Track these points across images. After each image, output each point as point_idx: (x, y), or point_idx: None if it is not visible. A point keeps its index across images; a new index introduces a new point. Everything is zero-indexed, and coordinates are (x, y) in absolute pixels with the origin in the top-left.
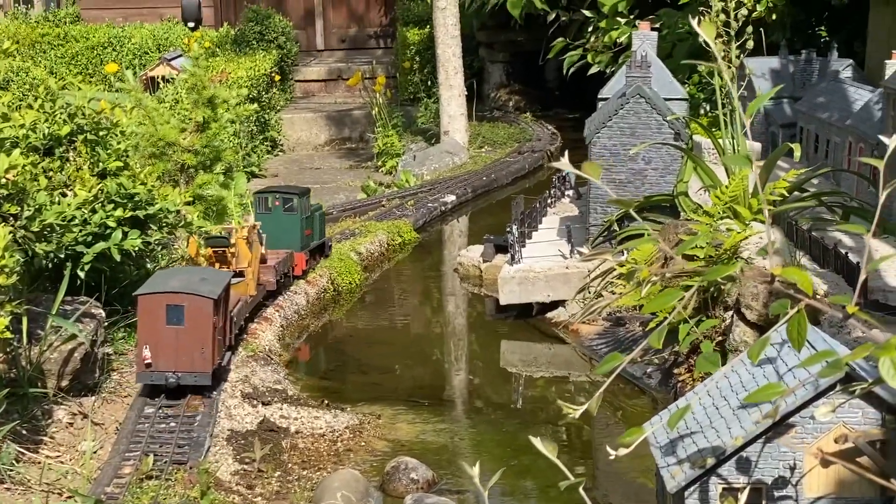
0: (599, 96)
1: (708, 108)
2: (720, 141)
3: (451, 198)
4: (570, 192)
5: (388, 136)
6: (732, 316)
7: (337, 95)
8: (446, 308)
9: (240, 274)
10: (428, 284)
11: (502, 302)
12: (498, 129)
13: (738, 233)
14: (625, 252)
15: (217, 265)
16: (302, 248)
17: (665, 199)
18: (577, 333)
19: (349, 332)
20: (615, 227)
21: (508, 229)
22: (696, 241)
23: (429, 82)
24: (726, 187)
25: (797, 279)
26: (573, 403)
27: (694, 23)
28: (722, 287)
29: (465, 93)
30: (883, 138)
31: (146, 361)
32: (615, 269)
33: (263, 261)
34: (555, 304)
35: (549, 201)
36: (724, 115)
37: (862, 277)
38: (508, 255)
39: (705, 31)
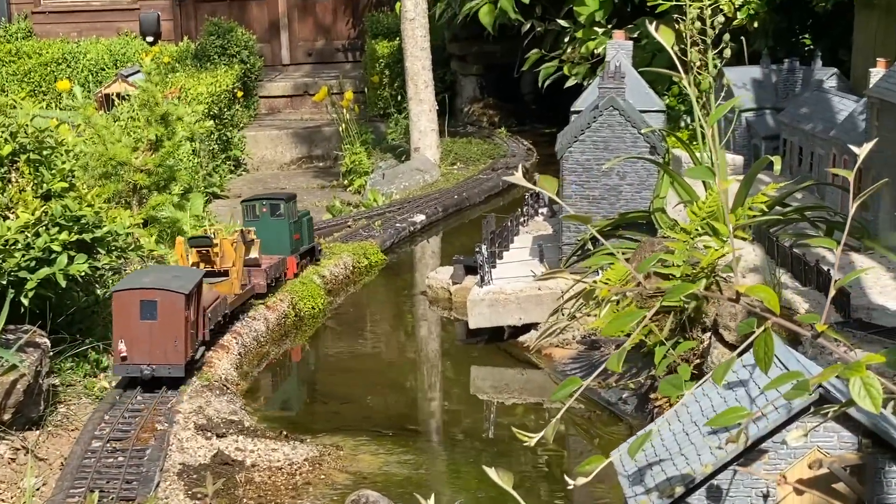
0: (572, 109)
1: (689, 120)
2: (699, 154)
3: (420, 217)
4: (544, 210)
5: (357, 153)
6: (710, 337)
7: (303, 112)
8: (414, 333)
9: (224, 273)
10: (395, 308)
11: (471, 325)
12: (471, 145)
13: (716, 250)
14: (599, 272)
15: (202, 265)
16: (292, 252)
17: (641, 215)
18: (551, 358)
19: (311, 360)
20: (589, 245)
21: (477, 249)
22: (656, 259)
23: (399, 97)
24: (703, 202)
25: (763, 297)
26: (548, 430)
27: (651, 28)
28: (687, 307)
29: (437, 108)
30: (854, 148)
31: (122, 355)
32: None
33: (257, 264)
34: (527, 328)
35: (521, 220)
36: (703, 127)
37: (831, 293)
38: (478, 276)
39: (664, 38)
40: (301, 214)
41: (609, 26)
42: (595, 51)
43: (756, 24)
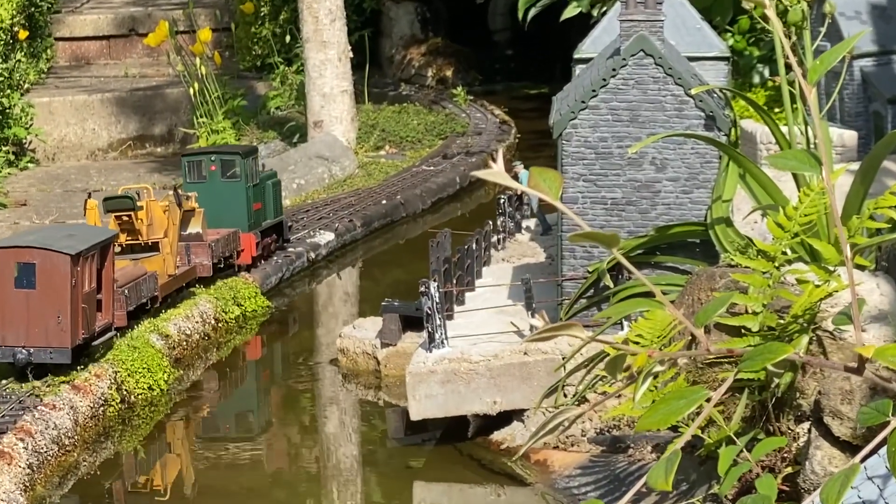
0: (576, 56)
1: (766, 72)
2: (785, 129)
3: (326, 237)
4: (530, 224)
5: (219, 130)
6: (810, 430)
7: (129, 63)
8: (318, 428)
9: (153, 247)
10: (286, 388)
11: (414, 415)
12: (408, 115)
13: (817, 286)
14: (624, 324)
15: (124, 236)
16: (250, 226)
17: (693, 230)
18: (545, 467)
19: (150, 474)
20: (606, 281)
21: (423, 289)
22: (725, 303)
23: (287, 37)
24: (795, 208)
25: None
26: None
27: None
28: (775, 381)
29: (351, 55)
30: None
31: None
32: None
33: (199, 240)
34: (506, 417)
35: (494, 239)
36: (793, 82)
37: None
38: (424, 333)
39: None
40: (265, 176)
41: None
42: None
43: None
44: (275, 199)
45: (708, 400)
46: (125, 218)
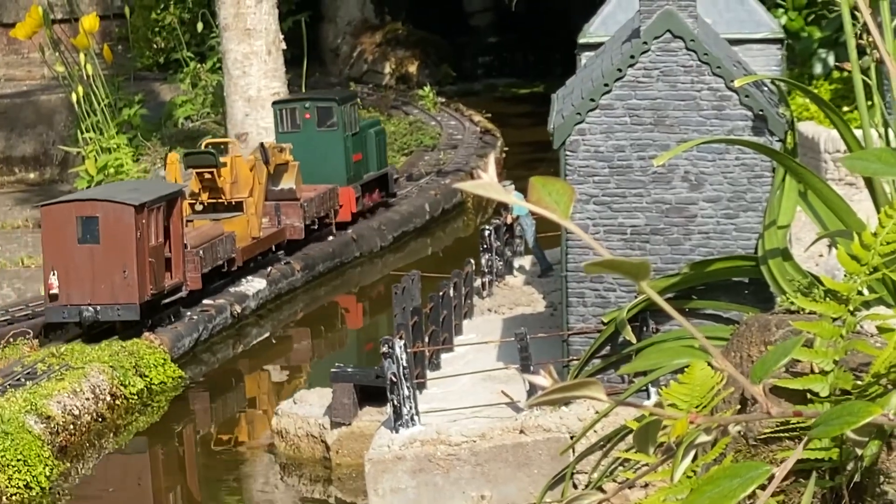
0: (580, 41)
1: (831, 59)
2: (858, 132)
3: (256, 285)
4: (524, 262)
5: (111, 147)
6: None
7: None
8: None
9: (237, 206)
10: (209, 484)
11: None
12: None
13: None
14: (651, 390)
15: (204, 195)
16: (349, 179)
17: (739, 266)
18: None
19: None
20: (627, 334)
21: (387, 350)
22: (787, 354)
23: (199, 25)
24: (874, 234)
25: None
26: None
27: None
28: (856, 457)
29: (284, 46)
30: None
31: (52, 291)
32: (633, 430)
33: (293, 198)
34: None
35: (477, 283)
36: (867, 70)
37: None
38: (388, 407)
39: None
40: (366, 124)
41: None
42: None
43: None
44: (378, 150)
45: (768, 482)
46: (207, 175)
